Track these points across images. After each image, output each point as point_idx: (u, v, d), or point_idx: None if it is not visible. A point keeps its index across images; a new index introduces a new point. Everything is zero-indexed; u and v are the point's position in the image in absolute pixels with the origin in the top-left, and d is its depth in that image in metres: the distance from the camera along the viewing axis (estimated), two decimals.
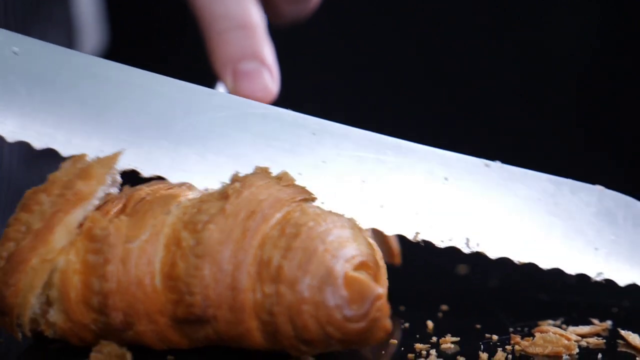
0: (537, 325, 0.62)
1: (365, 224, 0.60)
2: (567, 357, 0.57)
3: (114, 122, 0.59)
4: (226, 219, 0.54)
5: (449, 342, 0.59)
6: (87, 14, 1.02)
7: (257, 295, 0.53)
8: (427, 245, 0.61)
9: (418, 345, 0.58)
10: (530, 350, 0.58)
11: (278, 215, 0.54)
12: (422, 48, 1.29)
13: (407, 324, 0.62)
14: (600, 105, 1.29)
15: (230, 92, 0.68)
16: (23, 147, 0.60)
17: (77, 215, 0.56)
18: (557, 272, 0.62)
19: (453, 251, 0.61)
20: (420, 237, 0.61)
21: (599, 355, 0.57)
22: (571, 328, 0.61)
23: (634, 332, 0.60)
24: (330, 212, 0.55)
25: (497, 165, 0.63)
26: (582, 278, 0.63)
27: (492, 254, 0.62)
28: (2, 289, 0.54)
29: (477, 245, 0.61)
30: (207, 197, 0.55)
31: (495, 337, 0.60)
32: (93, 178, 0.57)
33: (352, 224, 0.55)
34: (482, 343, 0.59)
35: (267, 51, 0.69)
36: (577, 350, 0.58)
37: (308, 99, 1.24)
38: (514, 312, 0.63)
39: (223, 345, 0.54)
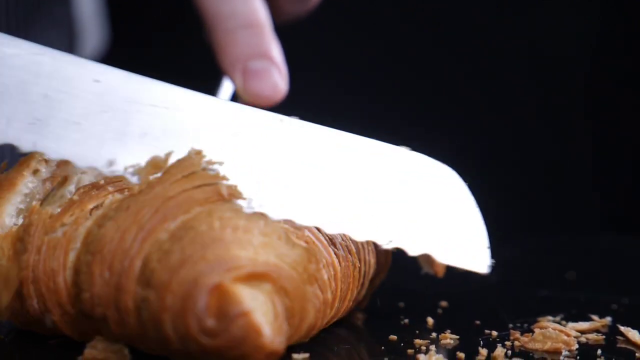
0: (536, 322, 0.62)
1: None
2: (567, 352, 0.57)
3: None
4: (126, 216, 0.52)
5: (448, 338, 0.59)
6: (88, 13, 1.03)
7: (137, 297, 0.51)
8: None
9: (418, 341, 0.58)
10: (530, 346, 0.58)
11: (183, 217, 0.52)
12: (421, 48, 1.29)
13: (406, 320, 0.62)
14: (601, 106, 1.29)
15: (239, 91, 0.68)
16: None
17: (10, 199, 0.56)
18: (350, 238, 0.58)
19: None
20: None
21: (599, 351, 0.57)
22: (570, 324, 0.61)
23: (633, 328, 0.60)
24: (246, 215, 0.52)
25: (293, 120, 0.59)
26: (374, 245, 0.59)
27: (275, 215, 0.56)
28: None
29: (260, 206, 0.55)
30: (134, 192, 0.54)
31: (494, 333, 0.60)
32: (22, 165, 0.57)
33: (270, 232, 0.52)
34: (481, 339, 0.59)
35: (276, 50, 0.68)
36: (576, 346, 0.58)
37: (309, 99, 1.24)
38: (514, 309, 0.63)
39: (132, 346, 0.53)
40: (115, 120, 0.56)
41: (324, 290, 0.55)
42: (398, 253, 0.64)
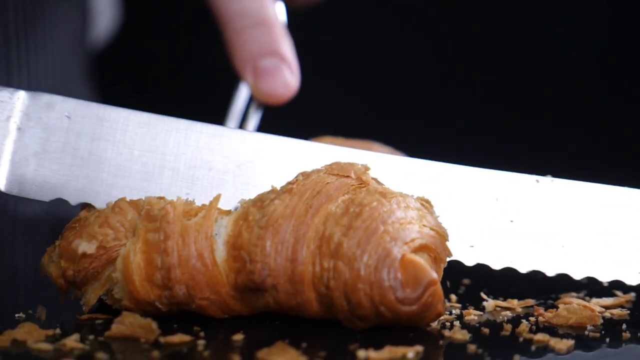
0: (559, 298, 0.62)
1: None
2: (592, 327, 0.57)
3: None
4: (292, 196, 0.56)
5: (472, 314, 0.59)
6: None
7: (315, 268, 0.55)
8: (482, 267, 0.60)
9: (442, 317, 0.58)
10: (554, 321, 0.58)
11: (343, 197, 0.56)
12: (421, 52, 1.29)
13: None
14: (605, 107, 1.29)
15: (252, 91, 0.68)
16: None
17: None
18: (617, 283, 0.61)
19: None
20: (476, 261, 0.60)
21: (623, 326, 0.57)
22: (595, 300, 0.61)
23: None
24: (398, 192, 0.56)
25: (547, 180, 0.60)
26: None
27: (550, 273, 0.60)
28: (84, 264, 0.56)
29: (535, 265, 0.60)
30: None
31: (519, 309, 0.60)
32: (208, 217, 0.57)
33: (420, 205, 0.56)
34: (505, 315, 0.59)
35: (286, 47, 0.68)
36: (601, 321, 0.58)
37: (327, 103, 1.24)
38: (537, 285, 0.63)
39: (281, 313, 0.56)
40: None
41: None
42: None
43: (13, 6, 0.80)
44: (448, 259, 0.59)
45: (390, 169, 0.59)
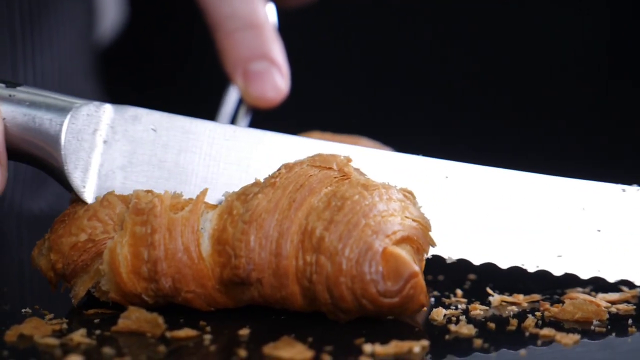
0: (565, 293, 0.62)
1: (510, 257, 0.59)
2: (597, 322, 0.57)
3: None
4: (275, 190, 0.56)
5: (478, 309, 0.59)
6: None
7: (299, 262, 0.55)
8: (569, 276, 0.60)
9: (448, 312, 0.58)
10: (560, 316, 0.58)
11: (326, 189, 0.56)
12: (419, 52, 1.29)
13: (435, 292, 0.62)
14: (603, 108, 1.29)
15: (242, 94, 0.68)
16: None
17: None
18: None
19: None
20: (564, 271, 0.60)
21: (629, 321, 0.57)
22: (600, 295, 0.61)
23: None
24: (380, 183, 0.56)
25: (634, 189, 0.60)
26: None
27: (639, 283, 0.60)
28: (73, 257, 0.56)
29: (624, 274, 0.60)
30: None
31: (524, 304, 0.60)
32: (195, 211, 0.57)
33: (403, 196, 0.56)
34: (511, 311, 0.59)
35: (277, 50, 0.68)
36: (607, 316, 0.58)
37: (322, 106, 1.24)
38: (543, 280, 0.63)
39: (266, 306, 0.56)
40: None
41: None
42: None
43: (19, 4, 0.80)
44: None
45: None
